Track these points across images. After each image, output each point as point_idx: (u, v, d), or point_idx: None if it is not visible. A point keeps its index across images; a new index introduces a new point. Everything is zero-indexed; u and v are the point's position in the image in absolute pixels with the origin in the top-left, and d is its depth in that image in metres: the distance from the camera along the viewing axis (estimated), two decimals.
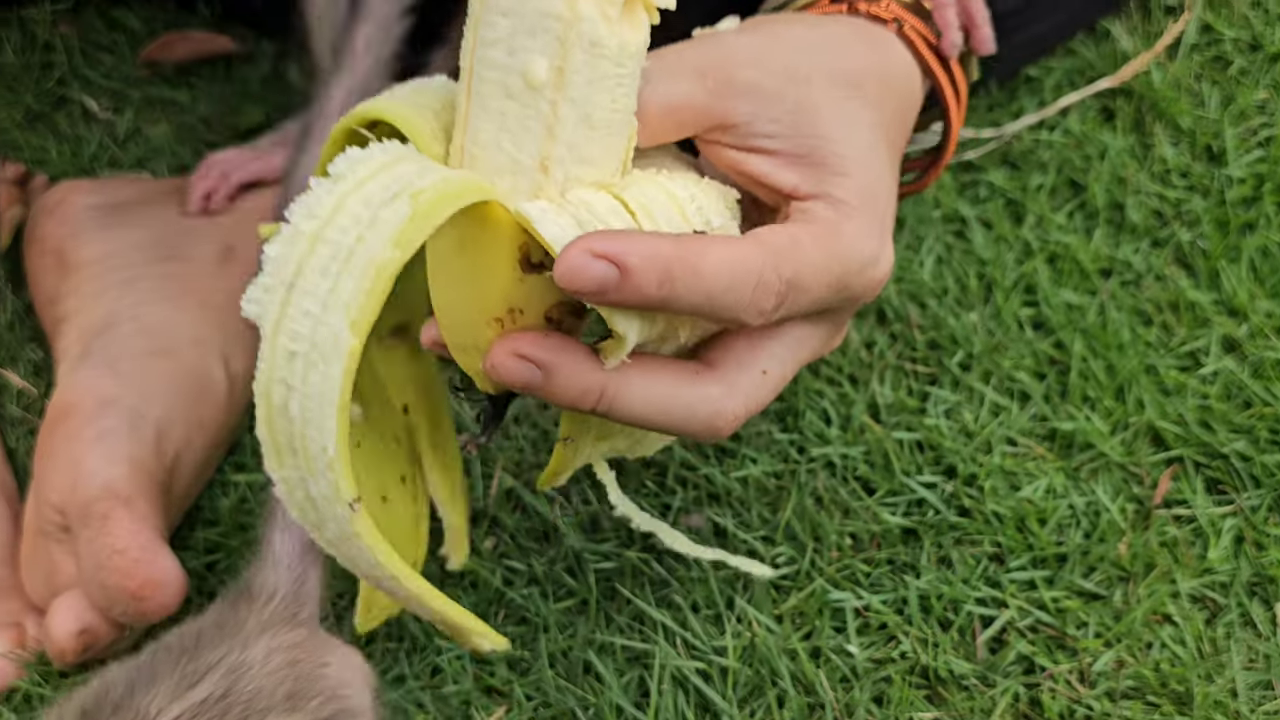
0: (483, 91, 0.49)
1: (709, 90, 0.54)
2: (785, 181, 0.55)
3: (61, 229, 0.89)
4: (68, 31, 1.06)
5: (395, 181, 0.47)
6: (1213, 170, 0.92)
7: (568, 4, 0.47)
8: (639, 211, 0.50)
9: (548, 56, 0.48)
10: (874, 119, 0.58)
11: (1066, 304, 0.86)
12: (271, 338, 0.47)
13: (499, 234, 0.49)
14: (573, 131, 0.49)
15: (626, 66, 0.49)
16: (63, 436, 0.78)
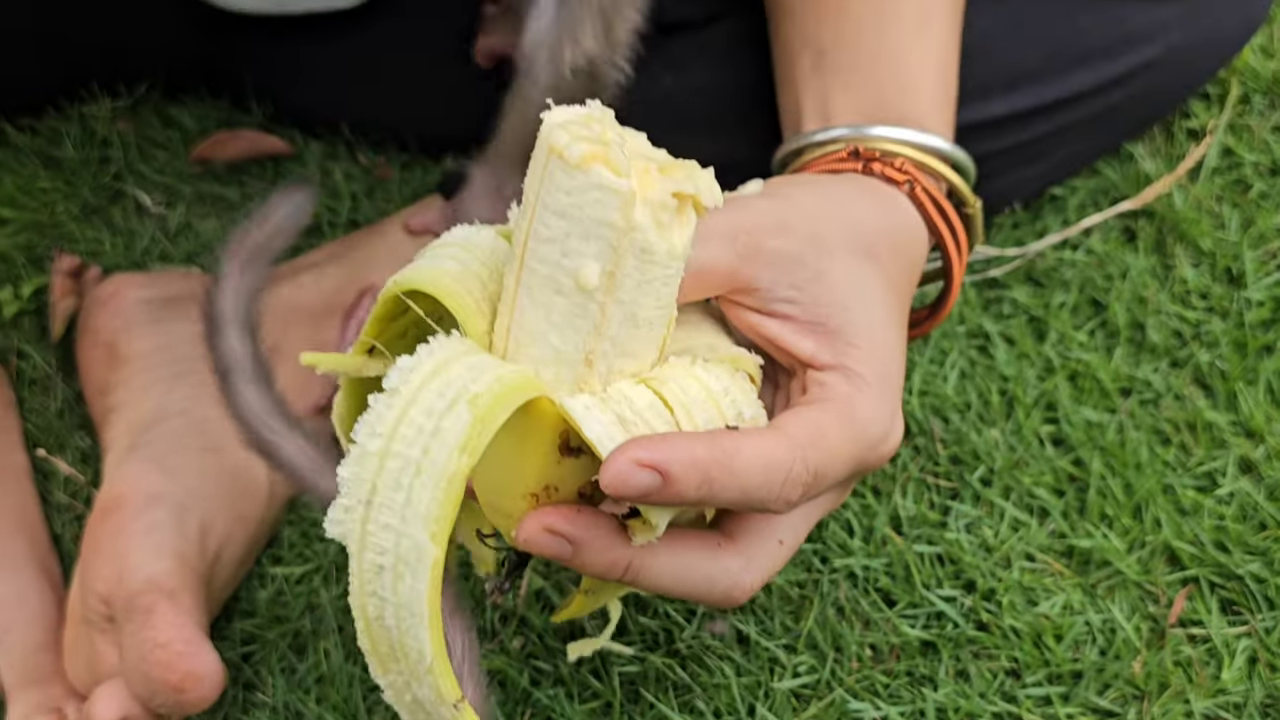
0: (532, 283, 0.51)
1: (737, 255, 0.57)
2: (803, 349, 0.58)
3: (114, 321, 0.93)
4: (125, 128, 1.10)
5: (450, 387, 0.49)
6: (1232, 292, 0.94)
7: (623, 214, 0.49)
8: (677, 408, 0.52)
9: (600, 261, 0.50)
10: (887, 288, 0.61)
11: (1086, 421, 0.88)
12: (358, 554, 0.50)
13: (542, 422, 0.52)
14: (618, 329, 0.52)
15: (672, 267, 0.51)
16: (111, 528, 0.80)
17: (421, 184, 1.06)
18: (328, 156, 1.09)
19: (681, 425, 0.53)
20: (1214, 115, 1.03)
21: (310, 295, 0.93)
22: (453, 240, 0.56)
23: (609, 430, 0.51)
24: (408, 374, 0.50)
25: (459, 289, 0.54)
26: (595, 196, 0.49)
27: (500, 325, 0.53)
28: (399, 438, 0.49)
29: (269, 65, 1.05)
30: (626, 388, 0.53)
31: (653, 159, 0.51)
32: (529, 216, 0.51)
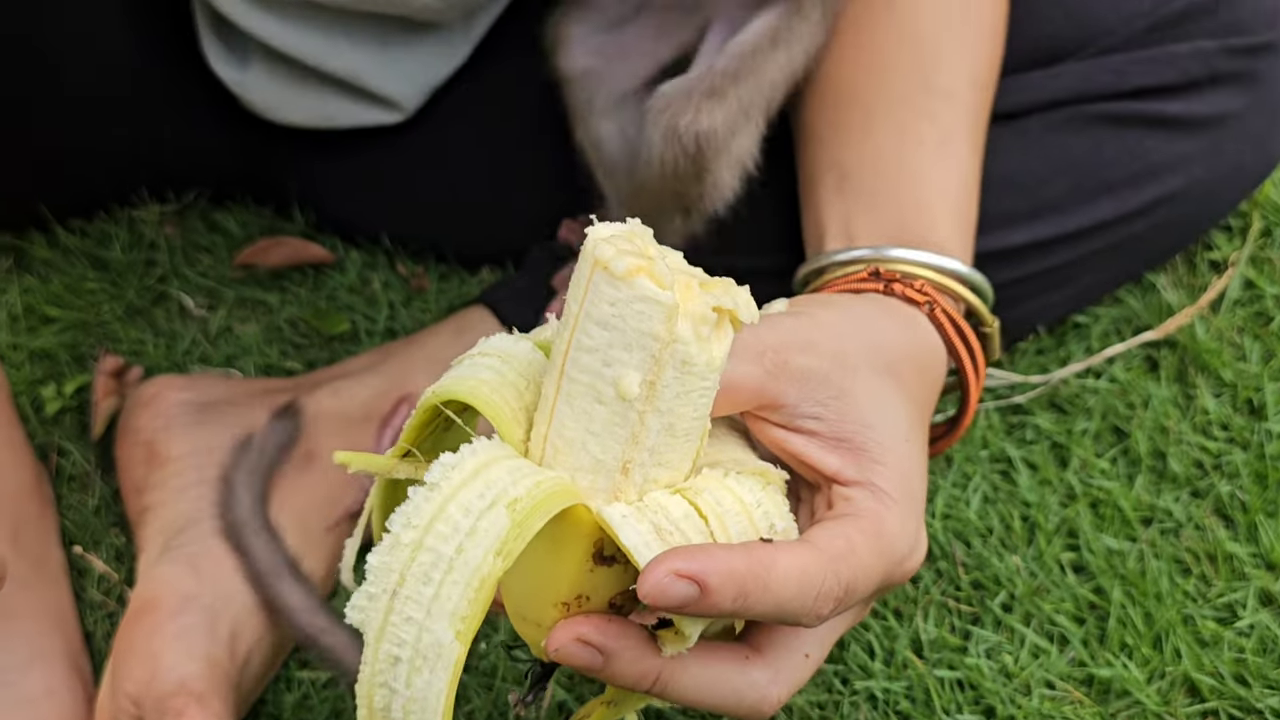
0: (572, 392, 0.52)
1: (765, 372, 0.58)
2: (828, 465, 0.59)
3: (154, 422, 0.95)
4: (172, 232, 1.14)
5: (490, 489, 0.50)
6: (1253, 424, 0.95)
7: (666, 325, 0.50)
8: (711, 518, 0.53)
9: (641, 372, 0.51)
10: (909, 406, 0.63)
11: (1108, 549, 0.89)
12: (375, 643, 0.50)
13: (577, 530, 0.53)
14: (656, 439, 0.53)
15: (710, 379, 0.53)
16: (144, 630, 0.82)
17: (458, 295, 1.09)
18: (367, 265, 1.12)
19: (716, 536, 0.54)
20: (1236, 247, 1.05)
21: (347, 403, 0.96)
22: (490, 350, 0.58)
23: (646, 539, 0.52)
24: (449, 470, 0.51)
25: (496, 399, 0.55)
26: (639, 308, 0.51)
27: (537, 433, 0.54)
28: (434, 532, 0.50)
29: (313, 176, 1.09)
30: (662, 497, 0.54)
31: (692, 275, 0.53)
32: (571, 327, 0.52)
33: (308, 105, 1.01)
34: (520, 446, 0.54)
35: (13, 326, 1.08)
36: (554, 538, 0.52)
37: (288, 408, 0.92)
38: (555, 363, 0.53)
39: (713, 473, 0.56)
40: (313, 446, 0.93)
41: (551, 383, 0.53)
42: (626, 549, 0.51)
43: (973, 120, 0.80)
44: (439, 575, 0.49)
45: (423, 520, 0.50)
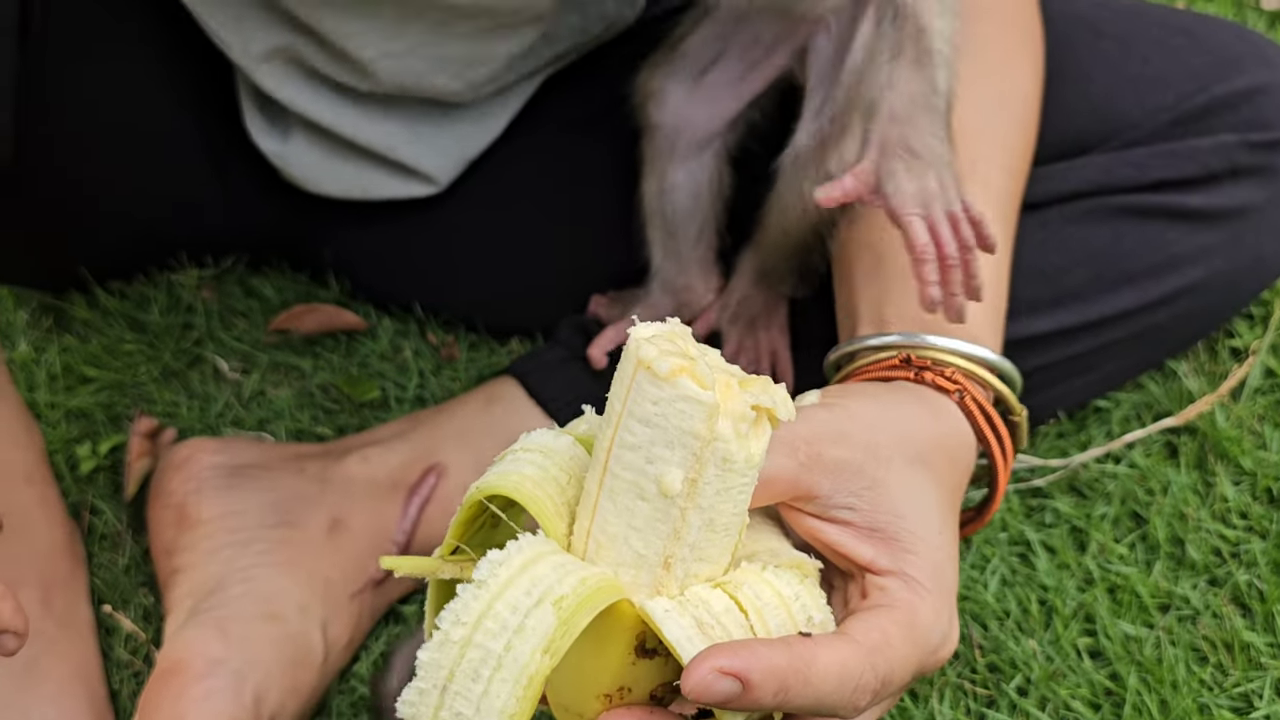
0: (615, 488, 0.54)
1: (799, 464, 0.60)
2: (861, 554, 0.60)
3: (185, 485, 0.97)
4: (209, 296, 1.16)
5: (536, 586, 0.52)
6: (1272, 513, 0.96)
7: (708, 424, 0.52)
8: (751, 612, 0.55)
9: (683, 469, 0.53)
10: (940, 495, 0.64)
11: (1124, 635, 0.89)
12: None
13: (620, 623, 0.54)
14: (697, 534, 0.54)
15: (749, 475, 0.54)
16: (170, 692, 0.83)
17: (488, 365, 1.11)
18: (399, 333, 1.14)
19: (756, 629, 0.55)
20: (1257, 335, 1.06)
21: (376, 470, 0.97)
22: (533, 445, 0.59)
23: (688, 634, 0.53)
24: (496, 567, 0.52)
25: (540, 494, 0.57)
26: (681, 407, 0.52)
27: (580, 528, 0.56)
28: (483, 629, 0.51)
29: (348, 245, 1.11)
30: (703, 591, 0.55)
31: (731, 373, 0.55)
32: (614, 424, 0.54)
33: (345, 177, 1.03)
34: (564, 541, 0.56)
35: (51, 385, 1.11)
36: (597, 631, 0.53)
37: None
38: (598, 458, 0.54)
39: (751, 566, 0.58)
40: (341, 513, 0.95)
41: (594, 478, 0.54)
42: (670, 643, 0.52)
43: (1006, 207, 0.81)
44: (488, 672, 0.50)
45: (471, 617, 0.51)
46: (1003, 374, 0.75)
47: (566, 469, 0.58)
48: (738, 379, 0.54)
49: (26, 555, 0.92)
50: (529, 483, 0.56)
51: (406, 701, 0.52)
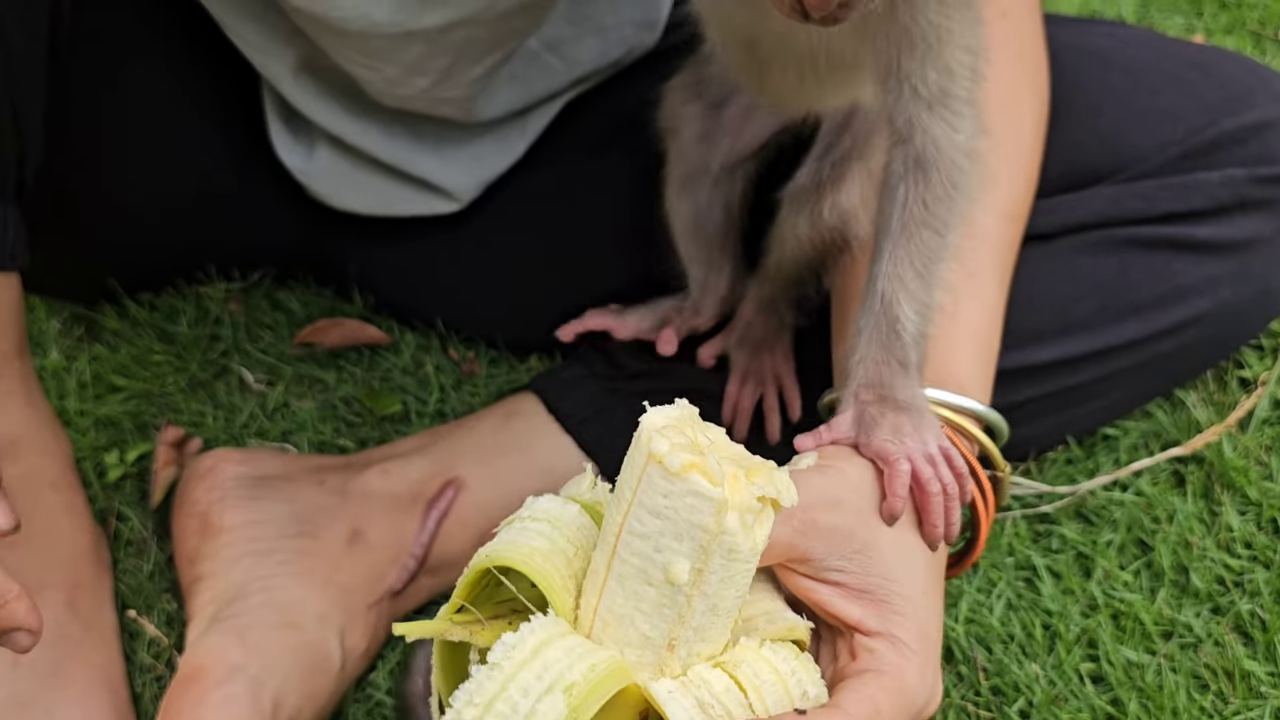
0: (623, 572, 0.56)
1: (794, 530, 0.62)
2: (851, 615, 0.63)
3: (210, 494, 0.99)
4: (236, 309, 1.19)
5: (547, 671, 0.54)
6: (1276, 542, 0.97)
7: (716, 519, 0.54)
8: (750, 691, 0.57)
9: (690, 560, 0.55)
10: (927, 558, 0.67)
11: (1127, 661, 0.91)
12: None
13: (625, 701, 0.57)
14: (701, 619, 0.57)
15: (752, 562, 0.57)
16: (190, 697, 0.85)
17: (507, 381, 1.13)
18: (421, 348, 1.16)
19: (754, 707, 0.58)
20: (1266, 366, 1.07)
21: (396, 483, 0.99)
22: (540, 515, 0.61)
23: (691, 715, 0.56)
24: (510, 650, 0.55)
25: (548, 568, 0.59)
26: (691, 502, 0.54)
27: (587, 604, 0.58)
28: (495, 711, 0.54)
29: (372, 261, 1.14)
30: (704, 671, 0.58)
31: (735, 458, 0.57)
32: (624, 511, 0.56)
33: (368, 193, 1.06)
34: (570, 614, 0.58)
35: (81, 393, 1.13)
36: (604, 709, 0.56)
37: None
38: (607, 539, 0.57)
39: (750, 642, 0.60)
40: (360, 525, 0.97)
41: (603, 558, 0.57)
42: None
43: (1001, 255, 0.83)
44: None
45: (484, 699, 0.54)
46: (989, 425, 0.77)
47: (574, 541, 0.60)
48: (745, 468, 0.56)
49: (53, 560, 0.94)
50: (538, 555, 0.59)
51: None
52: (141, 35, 1.01)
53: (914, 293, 0.72)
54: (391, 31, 0.87)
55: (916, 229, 0.72)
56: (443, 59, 0.92)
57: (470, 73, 0.95)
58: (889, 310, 0.72)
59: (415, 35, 0.88)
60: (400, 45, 0.90)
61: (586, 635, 0.57)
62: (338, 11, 0.85)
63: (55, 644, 0.90)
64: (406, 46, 0.90)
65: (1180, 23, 1.47)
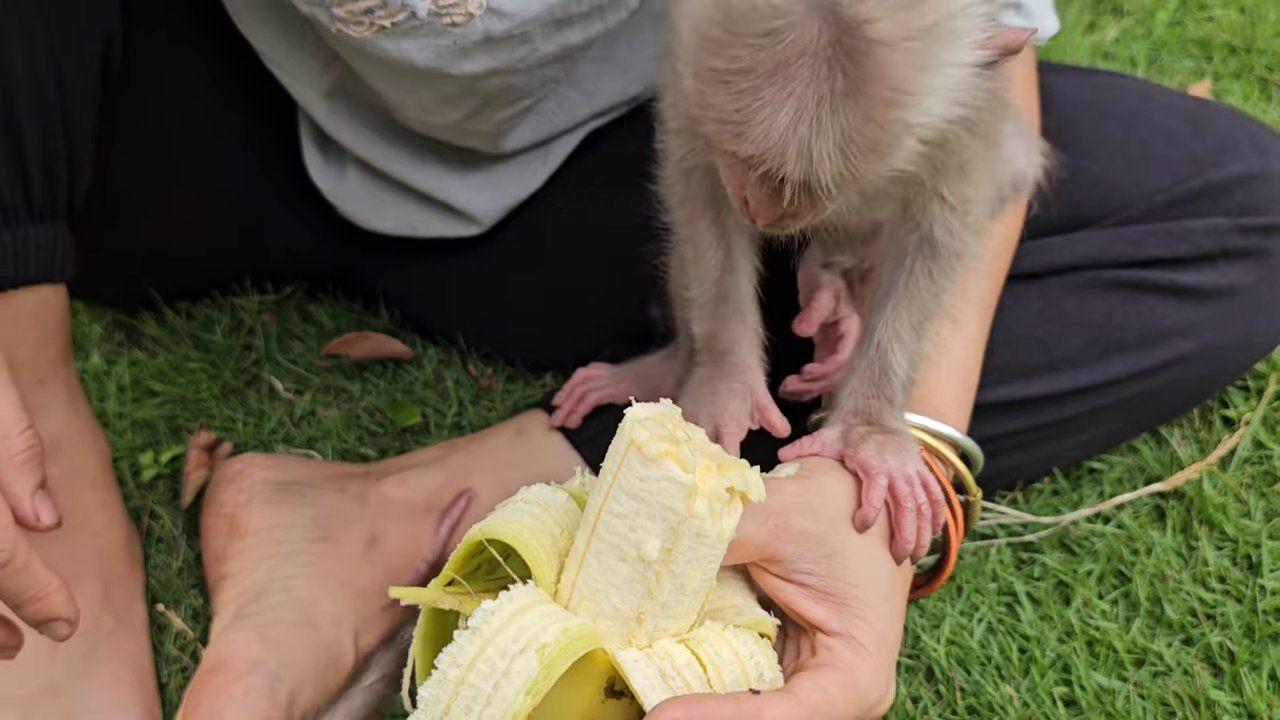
0: (601, 548, 0.62)
1: (769, 532, 0.67)
2: (814, 614, 0.68)
3: (238, 497, 1.05)
4: (269, 320, 1.25)
5: (523, 634, 0.60)
6: (1250, 578, 1.01)
7: (686, 504, 0.60)
8: (710, 667, 0.63)
9: (661, 540, 0.61)
10: (891, 570, 0.71)
11: (1099, 686, 0.95)
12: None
13: (594, 667, 0.62)
14: (668, 595, 0.62)
15: (719, 548, 0.62)
16: (213, 688, 0.91)
17: (522, 397, 1.19)
18: (442, 363, 1.22)
19: (712, 682, 0.63)
20: (1251, 407, 1.11)
21: (413, 492, 1.05)
22: (532, 499, 0.67)
23: (652, 682, 0.61)
24: (489, 616, 0.61)
25: (534, 544, 0.65)
26: (664, 486, 0.60)
27: (567, 578, 0.64)
28: (475, 670, 0.59)
29: (397, 279, 1.19)
30: (669, 645, 0.63)
31: (711, 455, 0.62)
32: (605, 493, 0.62)
33: (393, 216, 1.12)
34: (551, 587, 0.64)
35: (120, 396, 1.19)
36: (575, 671, 0.62)
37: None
38: (588, 519, 0.62)
39: (714, 625, 0.66)
40: (378, 531, 1.03)
41: (583, 536, 0.63)
42: (635, 690, 0.60)
43: (985, 294, 0.88)
44: (478, 709, 0.59)
45: (465, 659, 0.59)
46: (964, 452, 0.82)
47: (560, 523, 0.66)
48: (717, 462, 0.62)
49: (88, 554, 1.00)
50: (526, 532, 0.64)
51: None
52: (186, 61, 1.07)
53: (907, 344, 0.78)
54: (429, 73, 0.93)
55: (918, 293, 0.77)
56: (476, 99, 0.97)
57: (501, 114, 1.00)
58: (883, 357, 0.78)
59: (452, 78, 0.93)
60: (436, 82, 0.95)
61: (565, 607, 0.63)
62: (379, 52, 0.90)
63: (89, 634, 0.96)
64: (442, 84, 0.95)
65: (1190, 66, 1.51)
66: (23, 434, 0.72)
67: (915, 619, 0.99)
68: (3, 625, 0.74)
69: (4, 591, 0.70)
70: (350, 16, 0.87)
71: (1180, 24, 1.58)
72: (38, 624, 0.73)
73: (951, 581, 1.02)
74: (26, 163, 0.83)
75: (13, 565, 0.70)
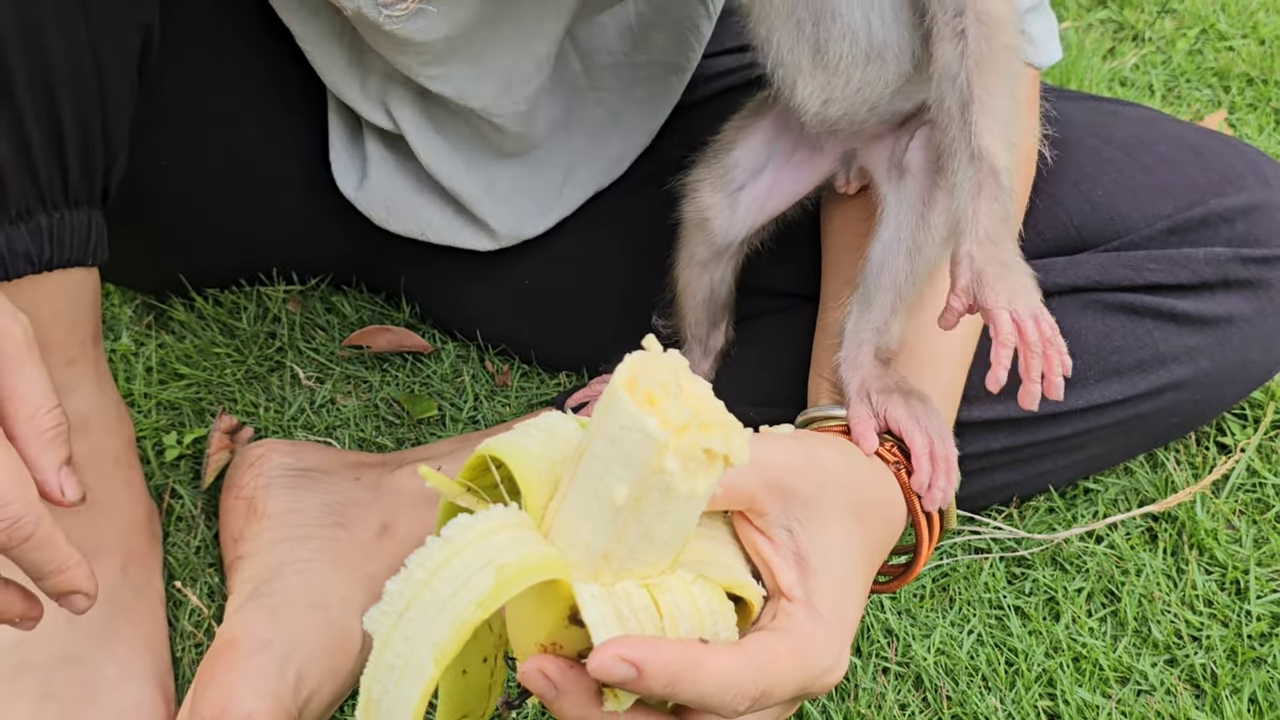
0: (581, 486, 0.64)
1: (761, 484, 0.70)
2: (784, 579, 0.70)
3: (256, 481, 1.08)
4: (294, 309, 1.28)
5: (488, 551, 0.62)
6: (1236, 603, 1.04)
7: (655, 457, 0.61)
8: (666, 615, 0.65)
9: (629, 487, 0.62)
10: (864, 546, 0.74)
11: (1082, 702, 0.98)
12: (380, 651, 0.63)
13: (558, 595, 0.65)
14: (635, 541, 0.64)
15: (691, 504, 0.64)
16: (224, 665, 0.95)
17: (536, 394, 1.22)
18: (460, 358, 1.25)
19: (666, 629, 0.65)
20: (1247, 435, 1.14)
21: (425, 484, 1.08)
22: (542, 425, 0.70)
23: (605, 619, 0.63)
24: (463, 529, 0.63)
25: (532, 468, 0.67)
26: (638, 438, 0.62)
27: (552, 507, 0.66)
28: (439, 576, 0.62)
29: (419, 277, 1.23)
30: (631, 587, 0.66)
31: (704, 411, 0.64)
32: (592, 432, 0.64)
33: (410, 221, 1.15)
34: (540, 510, 0.66)
35: (147, 377, 1.23)
36: (541, 595, 0.65)
37: None
38: (577, 455, 0.65)
39: (684, 575, 0.68)
40: (390, 519, 1.06)
41: (570, 470, 0.65)
42: (588, 624, 0.63)
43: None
44: (434, 612, 0.62)
45: (433, 564, 0.62)
46: None
47: (564, 451, 0.68)
48: (705, 420, 0.64)
49: (110, 529, 1.04)
50: (526, 455, 0.67)
51: (372, 618, 0.62)
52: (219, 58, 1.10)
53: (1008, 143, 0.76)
54: None
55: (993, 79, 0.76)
56: None
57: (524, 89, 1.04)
58: (991, 162, 0.76)
59: None
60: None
61: (545, 534, 0.66)
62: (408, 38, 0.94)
63: (106, 606, 0.99)
64: None
65: (1207, 95, 1.53)
66: (50, 412, 0.76)
67: (907, 628, 1.02)
68: (24, 596, 0.78)
69: (26, 564, 0.74)
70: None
71: (1199, 53, 1.60)
72: (57, 596, 0.76)
73: (944, 593, 1.05)
74: (64, 150, 0.87)
75: (36, 539, 0.73)
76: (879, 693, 0.98)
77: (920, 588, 1.05)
